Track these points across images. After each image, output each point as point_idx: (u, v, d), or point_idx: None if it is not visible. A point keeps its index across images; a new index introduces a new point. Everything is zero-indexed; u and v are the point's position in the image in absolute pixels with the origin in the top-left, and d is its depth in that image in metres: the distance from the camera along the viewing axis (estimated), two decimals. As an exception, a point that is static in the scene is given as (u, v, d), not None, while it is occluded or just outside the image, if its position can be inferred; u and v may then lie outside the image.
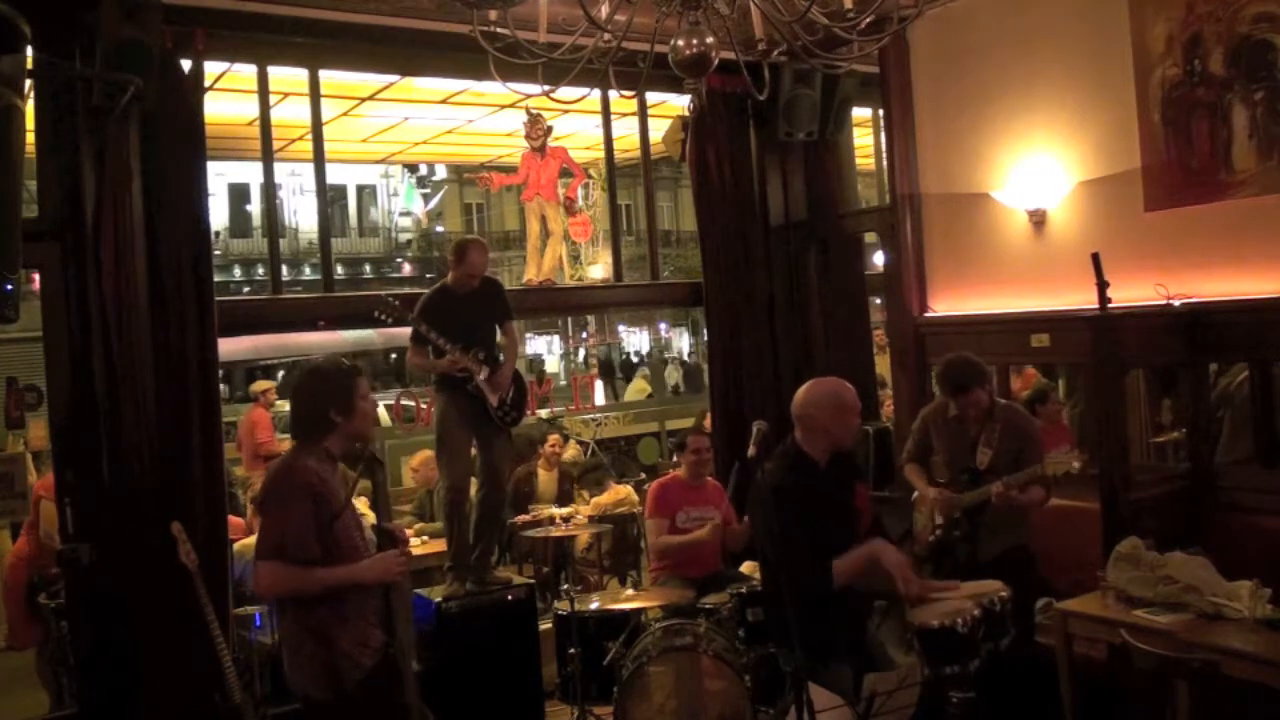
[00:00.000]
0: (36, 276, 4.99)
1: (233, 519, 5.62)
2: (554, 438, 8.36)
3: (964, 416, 4.55)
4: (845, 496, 3.76)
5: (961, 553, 4.40)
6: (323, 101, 6.09)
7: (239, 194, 26.13)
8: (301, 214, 24.98)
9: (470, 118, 8.70)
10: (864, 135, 8.90)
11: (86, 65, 4.56)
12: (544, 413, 10.38)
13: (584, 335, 27.81)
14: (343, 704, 3.16)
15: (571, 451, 9.15)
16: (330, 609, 3.18)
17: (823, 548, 3.56)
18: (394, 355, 18.88)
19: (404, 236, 29.59)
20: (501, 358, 5.26)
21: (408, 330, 5.23)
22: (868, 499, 3.96)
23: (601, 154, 7.48)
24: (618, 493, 7.67)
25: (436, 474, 6.05)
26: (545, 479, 8.11)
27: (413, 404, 8.22)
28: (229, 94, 6.33)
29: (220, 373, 5.33)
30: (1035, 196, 5.54)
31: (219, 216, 25.05)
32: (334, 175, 21.01)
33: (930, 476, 4.75)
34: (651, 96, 7.14)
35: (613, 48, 2.77)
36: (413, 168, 26.36)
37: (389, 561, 3.35)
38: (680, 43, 2.68)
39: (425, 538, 6.75)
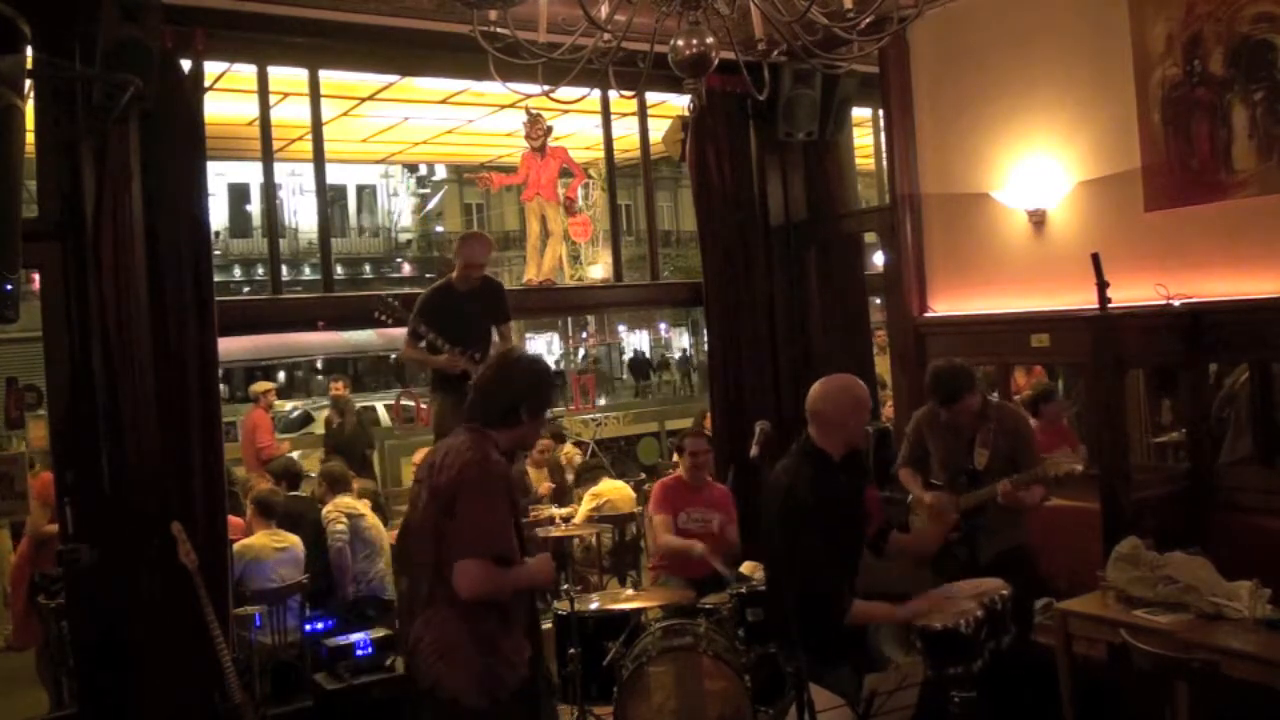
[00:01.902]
0: (36, 276, 4.99)
1: (233, 519, 5.61)
2: (544, 443, 8.34)
3: (956, 421, 4.54)
4: (858, 497, 3.72)
5: (961, 554, 4.40)
6: (323, 101, 6.09)
7: (239, 194, 26.15)
8: (301, 214, 24.99)
9: (470, 118, 8.70)
10: (864, 135, 8.89)
11: (86, 65, 4.56)
12: (543, 413, 10.31)
13: (584, 335, 27.86)
14: (497, 713, 3.02)
15: (569, 452, 9.13)
16: (499, 614, 3.05)
17: (834, 552, 3.51)
18: (393, 356, 18.89)
19: (404, 236, 29.62)
20: None
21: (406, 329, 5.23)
22: (878, 501, 3.94)
23: (601, 154, 7.49)
24: (614, 484, 7.60)
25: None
26: (535, 477, 8.11)
27: (412, 404, 8.25)
28: (229, 94, 6.33)
29: (220, 373, 5.33)
30: (1035, 196, 5.53)
31: (219, 216, 25.06)
32: (334, 175, 21.02)
33: (926, 479, 4.74)
34: (651, 96, 7.14)
35: (613, 48, 2.77)
36: (413, 168, 26.39)
37: (549, 562, 3.26)
38: (680, 43, 2.68)
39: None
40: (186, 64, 5.06)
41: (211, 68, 5.42)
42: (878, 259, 7.42)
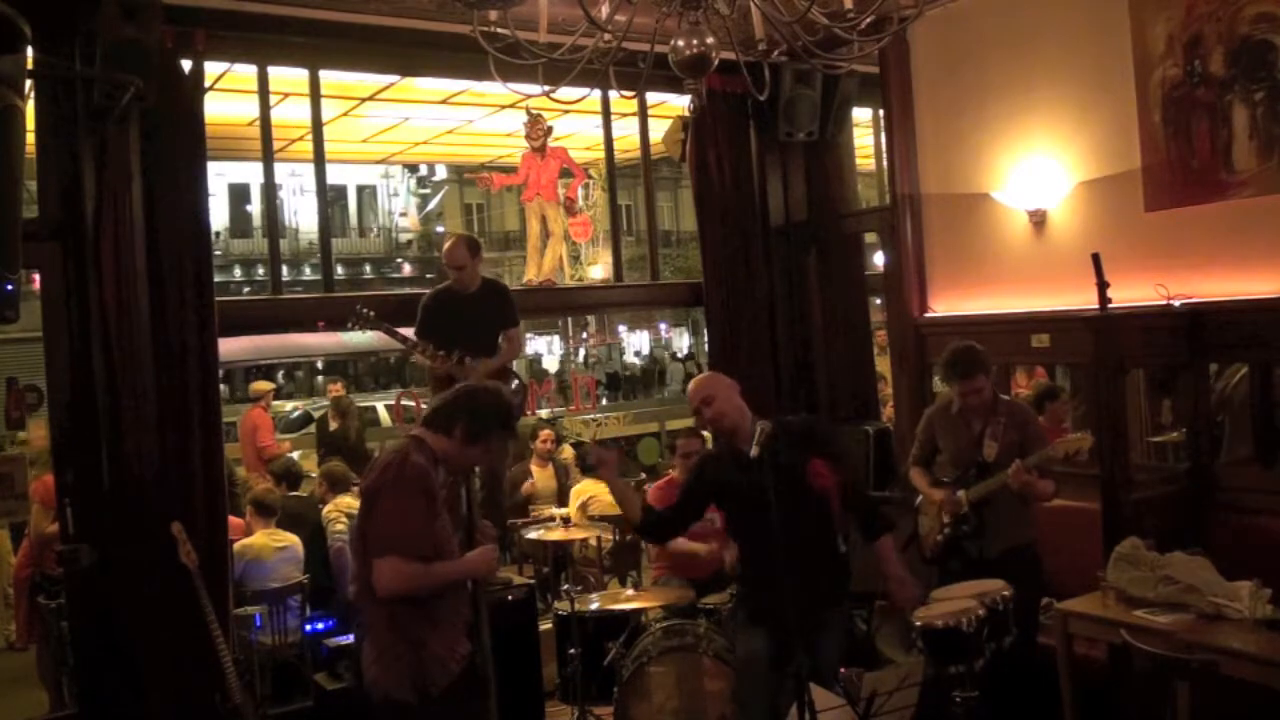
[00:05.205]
0: (36, 276, 4.99)
1: (233, 519, 5.61)
2: (545, 433, 8.35)
3: (967, 408, 4.54)
4: (786, 475, 3.55)
5: (971, 549, 4.40)
6: (323, 101, 6.08)
7: (239, 194, 26.16)
8: (301, 214, 24.99)
9: (470, 118, 8.70)
10: (864, 135, 8.89)
11: (86, 65, 4.56)
12: (544, 413, 10.37)
13: (584, 335, 27.87)
14: (426, 708, 3.13)
15: (567, 455, 9.12)
16: (425, 612, 3.15)
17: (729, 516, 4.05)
18: (394, 357, 18.91)
19: (404, 237, 29.64)
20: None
21: (409, 331, 5.24)
22: (829, 473, 3.80)
23: (601, 154, 7.48)
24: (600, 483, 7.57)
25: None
26: (540, 475, 8.10)
27: (413, 404, 8.20)
28: (229, 94, 6.33)
29: (220, 373, 5.33)
30: (1035, 196, 5.53)
31: (219, 216, 25.07)
32: (334, 175, 21.02)
33: (935, 477, 4.74)
34: (651, 96, 7.13)
35: (613, 48, 2.77)
36: (413, 168, 26.38)
37: (490, 554, 3.36)
38: (680, 43, 2.68)
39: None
40: (186, 64, 5.05)
41: (211, 68, 5.41)
42: (878, 259, 7.42)
